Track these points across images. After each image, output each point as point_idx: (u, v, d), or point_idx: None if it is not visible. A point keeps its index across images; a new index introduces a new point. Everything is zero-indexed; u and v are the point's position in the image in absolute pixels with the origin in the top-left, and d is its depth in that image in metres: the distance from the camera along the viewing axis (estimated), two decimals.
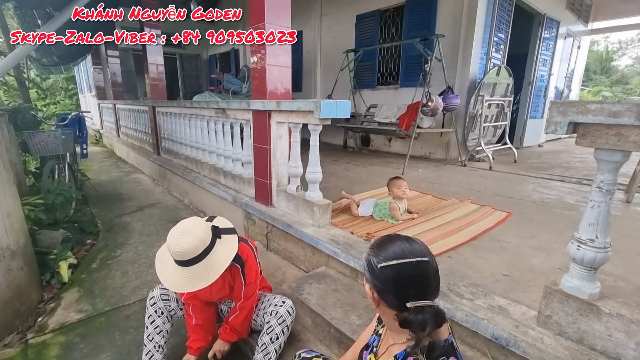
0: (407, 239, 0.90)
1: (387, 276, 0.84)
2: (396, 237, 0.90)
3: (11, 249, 1.89)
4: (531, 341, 1.17)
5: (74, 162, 4.08)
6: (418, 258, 0.85)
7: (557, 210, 2.72)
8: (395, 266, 0.83)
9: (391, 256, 0.85)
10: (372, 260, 0.87)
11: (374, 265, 0.86)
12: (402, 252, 0.86)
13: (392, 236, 0.91)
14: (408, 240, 0.89)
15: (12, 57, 3.27)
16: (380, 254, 0.86)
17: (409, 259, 0.85)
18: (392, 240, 0.90)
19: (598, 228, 1.08)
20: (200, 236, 1.31)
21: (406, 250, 0.86)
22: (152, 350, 1.53)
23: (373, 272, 0.86)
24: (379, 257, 0.86)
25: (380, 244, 0.90)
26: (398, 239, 0.89)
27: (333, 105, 1.97)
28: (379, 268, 0.85)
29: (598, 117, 0.97)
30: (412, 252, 0.86)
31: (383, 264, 0.84)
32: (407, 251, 0.86)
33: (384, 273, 0.84)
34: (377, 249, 0.88)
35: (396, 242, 0.88)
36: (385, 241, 0.90)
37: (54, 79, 11.36)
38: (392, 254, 0.85)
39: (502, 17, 4.86)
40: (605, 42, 21.78)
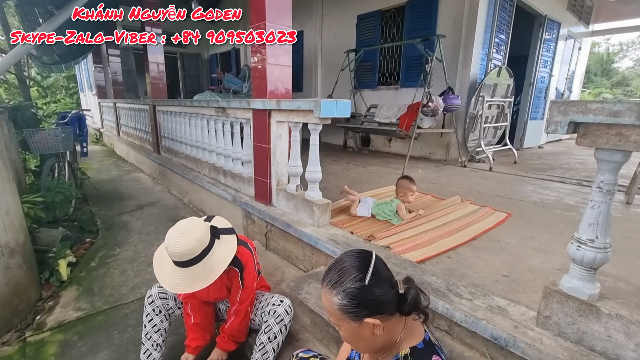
0: (344, 255, 0.89)
1: (375, 284, 0.81)
2: (338, 259, 0.88)
3: (10, 247, 1.89)
4: (530, 342, 1.17)
5: (74, 160, 4.08)
6: (370, 252, 0.88)
7: (557, 211, 2.72)
8: (374, 269, 0.82)
9: (360, 267, 0.83)
10: (353, 287, 0.80)
11: (360, 289, 0.80)
12: (361, 259, 0.85)
13: (336, 260, 0.88)
14: (346, 253, 0.89)
15: (12, 55, 3.28)
16: (353, 275, 0.82)
17: (371, 258, 0.85)
18: (339, 261, 0.87)
19: (598, 228, 1.07)
20: (198, 237, 1.30)
21: (359, 255, 0.86)
22: (150, 348, 1.52)
23: (364, 296, 0.80)
24: (356, 278, 0.81)
25: (341, 270, 0.84)
26: (341, 258, 0.88)
27: (333, 104, 1.97)
28: (368, 284, 0.80)
29: (599, 116, 0.97)
30: (361, 253, 0.87)
31: (367, 278, 0.81)
32: (359, 255, 0.86)
33: (372, 285, 0.81)
34: (345, 275, 0.83)
35: (346, 260, 0.86)
36: (337, 266, 0.86)
37: (55, 78, 11.36)
38: (358, 267, 0.83)
39: (503, 18, 4.86)
40: (606, 44, 21.77)
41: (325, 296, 0.85)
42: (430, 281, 1.56)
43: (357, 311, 0.80)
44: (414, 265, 1.73)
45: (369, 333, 0.82)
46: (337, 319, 0.84)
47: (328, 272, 0.86)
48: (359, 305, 0.80)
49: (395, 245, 1.94)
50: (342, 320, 0.83)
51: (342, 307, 0.81)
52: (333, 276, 0.84)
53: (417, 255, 1.83)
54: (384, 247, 1.93)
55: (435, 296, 1.44)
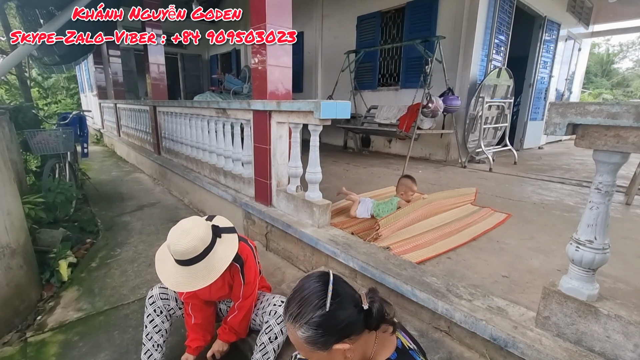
0: (302, 282, 0.84)
1: (337, 308, 0.77)
2: (296, 288, 0.84)
3: (11, 248, 1.90)
4: (530, 342, 1.17)
5: (74, 161, 4.08)
6: (327, 274, 0.83)
7: (556, 212, 2.72)
8: (333, 292, 0.78)
9: (319, 294, 0.78)
10: (315, 317, 0.76)
11: (323, 317, 0.76)
12: (320, 283, 0.81)
13: (294, 290, 0.84)
14: (303, 280, 0.85)
15: (13, 56, 3.29)
16: (313, 304, 0.77)
17: (329, 277, 0.81)
18: (297, 291, 0.82)
19: (597, 229, 1.08)
20: (200, 236, 1.31)
21: (317, 280, 0.82)
22: (150, 349, 1.53)
23: (328, 324, 0.76)
24: (316, 306, 0.77)
25: (300, 300, 0.79)
26: (299, 286, 0.83)
27: (333, 105, 1.98)
28: (330, 310, 0.76)
29: (597, 118, 0.98)
30: (319, 277, 0.83)
31: (327, 304, 0.76)
32: (317, 279, 0.82)
33: (335, 310, 0.77)
34: (305, 305, 0.78)
35: (304, 288, 0.82)
36: (296, 296, 0.81)
37: (56, 78, 11.39)
38: (317, 293, 0.79)
39: (502, 19, 4.87)
40: (606, 45, 21.78)
41: (290, 331, 0.80)
42: (430, 282, 1.57)
43: (324, 340, 0.76)
44: (413, 266, 1.73)
45: (341, 358, 0.79)
46: (306, 351, 0.80)
47: (288, 305, 0.81)
48: (324, 334, 0.76)
49: (395, 246, 1.95)
50: (312, 352, 0.79)
51: (308, 339, 0.77)
52: (293, 309, 0.79)
53: (416, 256, 1.83)
54: (384, 247, 1.94)
55: (435, 297, 1.45)
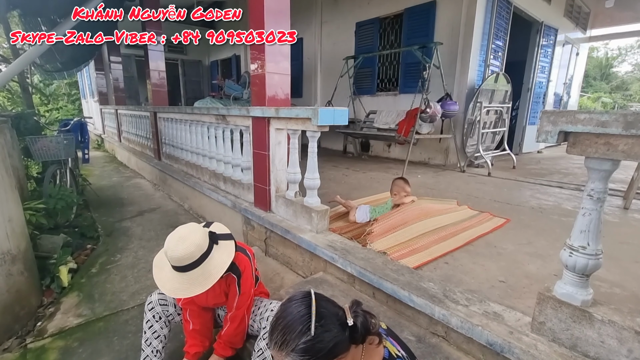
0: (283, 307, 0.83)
1: (323, 331, 0.76)
2: (278, 314, 0.82)
3: (12, 254, 1.91)
4: (525, 347, 1.18)
5: (75, 167, 4.11)
6: (309, 294, 0.82)
7: (554, 216, 2.73)
8: (317, 315, 0.77)
9: (303, 318, 0.77)
10: (301, 344, 0.74)
11: (309, 342, 0.74)
12: (302, 305, 0.80)
13: (276, 317, 0.82)
14: (285, 304, 0.84)
15: (17, 64, 3.33)
16: (297, 330, 0.76)
17: (311, 299, 0.80)
18: (280, 317, 0.81)
19: (589, 235, 1.09)
20: (197, 242, 1.32)
21: (298, 302, 0.81)
22: (150, 355, 1.53)
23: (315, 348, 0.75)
24: (301, 332, 0.76)
25: (284, 327, 0.78)
26: (281, 312, 0.82)
27: (331, 112, 2.00)
28: (315, 334, 0.75)
29: (587, 126, 1.00)
30: (301, 299, 0.82)
31: (312, 328, 0.75)
32: (299, 301, 0.81)
33: (321, 333, 0.76)
34: (289, 332, 0.76)
35: (286, 313, 0.80)
36: (279, 323, 0.80)
37: (57, 85, 11.48)
38: (300, 318, 0.78)
39: (500, 24, 4.92)
40: (605, 49, 21.91)
41: (277, 358, 0.79)
42: (427, 287, 1.58)
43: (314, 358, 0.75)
44: (411, 271, 1.74)
45: None
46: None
47: (272, 332, 0.80)
48: (314, 357, 0.75)
49: (392, 251, 1.96)
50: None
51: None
52: (277, 337, 0.78)
53: (413, 261, 1.84)
54: (381, 252, 1.95)
55: (432, 302, 1.46)
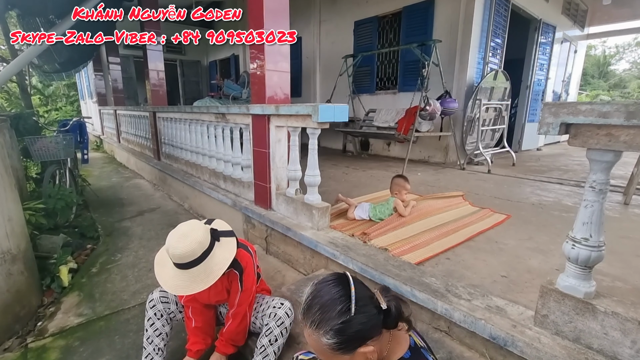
0: (320, 286, 0.82)
1: (361, 312, 0.76)
2: (314, 293, 0.81)
3: (12, 254, 1.90)
4: (528, 341, 1.18)
5: (74, 167, 4.10)
6: (345, 276, 0.83)
7: (555, 212, 2.73)
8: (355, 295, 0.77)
9: (342, 298, 0.77)
10: (340, 323, 0.74)
11: (347, 322, 0.75)
12: (339, 286, 0.80)
13: (312, 295, 0.82)
14: (321, 283, 0.83)
15: (15, 64, 3.32)
16: (337, 310, 0.76)
17: (350, 283, 0.80)
18: (317, 296, 0.80)
19: (592, 227, 1.09)
20: (199, 239, 1.32)
21: (336, 283, 0.81)
22: (151, 353, 1.53)
23: (353, 329, 0.75)
24: (341, 312, 0.76)
25: (322, 306, 0.78)
26: (318, 291, 0.81)
27: (331, 109, 2.00)
28: (354, 315, 0.75)
29: (589, 117, 0.99)
30: (337, 280, 0.82)
31: (353, 308, 0.76)
32: (336, 282, 0.81)
33: (359, 314, 0.76)
34: (328, 311, 0.76)
35: (324, 292, 0.80)
36: (317, 302, 0.79)
37: (56, 86, 11.46)
38: (339, 298, 0.77)
39: (498, 22, 4.92)
40: (602, 47, 21.97)
41: (311, 337, 0.79)
42: (429, 282, 1.57)
43: (348, 345, 0.76)
44: (412, 267, 1.74)
45: None
46: (329, 356, 0.79)
47: (308, 310, 0.79)
48: (349, 339, 0.75)
49: (394, 247, 1.96)
50: (334, 357, 0.78)
51: (332, 345, 0.76)
52: (315, 315, 0.77)
53: (415, 257, 1.84)
54: (382, 249, 1.95)
55: (434, 297, 1.45)
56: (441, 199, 2.92)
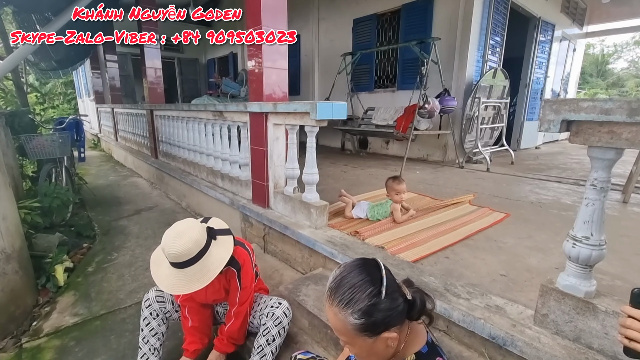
0: (349, 268, 0.83)
1: (389, 296, 0.77)
2: (343, 274, 0.81)
3: (6, 253, 1.88)
4: (528, 340, 1.16)
5: (71, 165, 4.07)
6: (375, 261, 0.83)
7: (554, 210, 2.73)
8: (388, 282, 0.78)
9: (372, 280, 0.78)
10: (369, 304, 0.76)
11: (377, 305, 0.76)
12: (369, 270, 0.80)
13: (341, 276, 0.82)
14: (350, 265, 0.83)
15: (9, 61, 3.28)
16: (368, 291, 0.76)
17: (381, 268, 0.81)
18: (346, 276, 0.80)
19: (593, 225, 1.08)
20: (194, 238, 1.30)
21: (365, 266, 0.81)
22: (147, 352, 1.51)
23: (381, 312, 0.76)
24: (372, 293, 0.76)
25: (352, 286, 0.78)
26: (347, 272, 0.81)
27: (329, 106, 1.98)
28: (384, 298, 0.76)
29: (590, 114, 0.98)
30: (367, 263, 0.82)
31: (383, 291, 0.77)
32: (366, 265, 0.81)
33: (388, 298, 0.77)
34: (359, 291, 0.77)
35: (353, 273, 0.80)
36: (346, 282, 0.79)
37: (53, 84, 11.38)
38: (370, 280, 0.78)
39: (497, 20, 4.91)
40: (600, 46, 21.97)
41: (337, 316, 0.78)
42: (428, 281, 1.56)
43: (373, 328, 0.76)
44: (411, 265, 1.73)
45: (383, 346, 0.79)
46: (351, 337, 0.79)
47: (337, 289, 0.79)
48: (376, 322, 0.76)
49: (390, 246, 1.95)
50: (357, 338, 0.78)
51: (358, 326, 0.76)
52: (345, 294, 0.77)
53: (412, 255, 1.83)
54: (378, 247, 1.93)
55: (433, 296, 1.44)
56: (447, 207, 2.72)
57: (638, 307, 0.68)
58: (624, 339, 0.68)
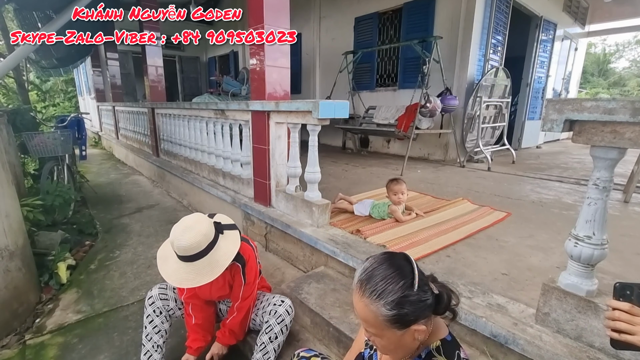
0: (379, 261, 0.83)
1: (421, 289, 0.78)
2: (374, 266, 0.81)
3: (9, 250, 1.89)
4: (530, 339, 1.17)
5: (72, 163, 4.07)
6: (405, 254, 0.84)
7: (555, 210, 2.73)
8: (420, 275, 0.79)
9: (403, 273, 0.78)
10: (402, 296, 0.76)
11: (409, 296, 0.76)
12: (398, 263, 0.81)
13: (372, 268, 0.81)
14: (378, 259, 0.83)
15: (11, 59, 3.28)
16: (401, 283, 0.77)
17: (410, 261, 0.81)
18: (377, 268, 0.81)
19: (595, 225, 1.08)
20: (203, 231, 1.31)
21: (394, 259, 0.82)
22: (150, 350, 1.52)
23: (413, 304, 0.76)
24: (405, 285, 0.76)
25: (384, 278, 0.78)
26: (377, 265, 0.81)
27: (331, 105, 1.98)
28: (417, 290, 0.77)
29: (593, 114, 0.98)
30: (394, 257, 0.83)
31: (416, 283, 0.77)
32: (394, 258, 0.82)
33: (420, 290, 0.77)
34: (392, 283, 0.77)
35: (384, 266, 0.80)
36: (378, 274, 0.79)
37: (54, 81, 11.38)
38: (401, 273, 0.78)
39: (499, 19, 4.90)
40: (602, 45, 21.91)
41: (368, 307, 0.78)
42: None
43: (404, 319, 0.76)
44: None
45: (410, 339, 0.79)
46: (380, 329, 0.79)
47: (369, 280, 0.79)
48: (407, 313, 0.76)
49: (392, 244, 1.95)
50: (386, 330, 0.78)
51: (390, 317, 0.76)
52: (378, 285, 0.77)
53: (413, 254, 1.83)
54: (380, 245, 1.94)
55: None
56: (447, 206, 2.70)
57: (621, 299, 0.71)
58: (612, 332, 0.71)
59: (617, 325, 0.70)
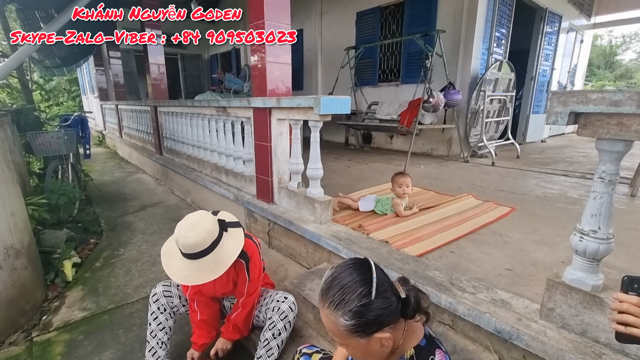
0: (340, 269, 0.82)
1: (380, 297, 0.77)
2: (334, 275, 0.81)
3: (15, 248, 1.91)
4: (534, 334, 1.16)
5: (77, 162, 4.10)
6: (366, 261, 0.83)
7: (560, 204, 2.70)
8: (378, 282, 0.78)
9: (362, 281, 0.77)
10: (360, 305, 0.75)
11: (367, 305, 0.75)
12: (360, 270, 0.80)
13: (332, 277, 0.81)
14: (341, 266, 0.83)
15: (13, 59, 3.30)
16: (358, 292, 0.76)
17: (371, 268, 0.80)
18: (337, 277, 0.80)
19: (600, 219, 1.07)
20: (208, 229, 1.32)
21: (356, 267, 0.81)
22: (155, 347, 1.53)
23: (372, 312, 0.76)
24: (362, 294, 0.76)
25: (342, 287, 0.77)
26: (338, 273, 0.81)
27: (333, 101, 1.97)
28: (375, 299, 0.75)
29: (599, 106, 0.96)
30: (358, 264, 0.82)
31: (373, 292, 0.76)
32: (357, 266, 0.81)
33: (379, 298, 0.76)
34: (349, 292, 0.76)
35: (344, 274, 0.80)
36: (337, 283, 0.79)
37: (57, 81, 11.44)
38: (360, 281, 0.77)
39: (503, 12, 4.83)
40: (608, 37, 21.54)
41: (329, 317, 0.79)
42: (433, 276, 1.56)
43: (366, 328, 0.76)
44: (416, 260, 1.73)
45: (378, 346, 0.79)
46: (344, 338, 0.79)
47: (327, 291, 0.79)
48: (367, 322, 0.75)
49: (395, 240, 1.95)
50: (350, 340, 0.79)
51: (349, 327, 0.76)
52: (335, 295, 0.77)
53: (416, 249, 1.83)
54: (383, 241, 1.93)
55: (438, 290, 1.44)
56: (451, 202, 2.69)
57: (629, 292, 0.71)
58: (619, 325, 0.70)
59: (625, 318, 0.69)
